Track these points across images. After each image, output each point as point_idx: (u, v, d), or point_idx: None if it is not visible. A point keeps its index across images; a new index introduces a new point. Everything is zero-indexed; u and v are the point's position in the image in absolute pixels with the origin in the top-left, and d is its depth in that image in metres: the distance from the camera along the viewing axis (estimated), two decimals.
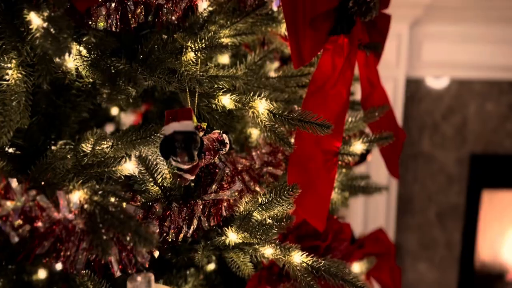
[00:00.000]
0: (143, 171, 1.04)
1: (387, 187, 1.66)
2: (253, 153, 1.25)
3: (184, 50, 1.02)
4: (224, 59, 1.54)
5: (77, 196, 0.97)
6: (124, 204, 0.99)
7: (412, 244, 3.20)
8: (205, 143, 1.06)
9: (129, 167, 1.11)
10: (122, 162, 1.11)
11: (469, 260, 3.21)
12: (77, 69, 1.13)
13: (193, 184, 1.20)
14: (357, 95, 1.44)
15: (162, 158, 1.04)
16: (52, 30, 0.93)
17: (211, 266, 1.50)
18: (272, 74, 1.26)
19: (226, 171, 1.21)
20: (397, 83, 2.92)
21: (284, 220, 1.04)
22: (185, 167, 1.00)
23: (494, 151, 3.09)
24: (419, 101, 3.07)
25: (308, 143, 1.20)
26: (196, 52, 1.00)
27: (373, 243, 1.76)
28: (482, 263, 3.27)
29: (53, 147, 1.28)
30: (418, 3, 2.77)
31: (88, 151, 1.05)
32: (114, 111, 1.85)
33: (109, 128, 2.00)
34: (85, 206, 0.96)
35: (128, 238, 0.88)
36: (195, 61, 1.03)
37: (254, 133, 1.40)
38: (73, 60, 1.14)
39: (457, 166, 3.12)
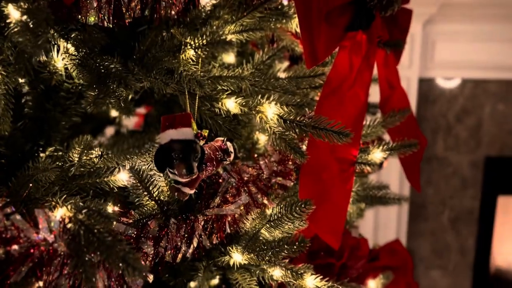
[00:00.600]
0: (136, 184, 0.90)
1: (407, 197, 1.50)
2: (261, 162, 1.11)
3: (182, 47, 0.88)
4: (229, 58, 1.40)
5: (60, 213, 0.84)
6: (114, 223, 0.85)
7: (424, 250, 3.05)
8: (206, 152, 0.92)
9: (123, 177, 0.98)
10: (115, 172, 0.97)
11: (483, 266, 3.05)
12: (66, 69, 1.00)
13: (194, 196, 1.06)
14: (372, 97, 1.30)
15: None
16: (30, 24, 0.80)
17: (214, 281, 1.36)
18: (282, 74, 1.12)
19: (231, 182, 1.07)
20: (410, 83, 2.77)
21: (297, 244, 0.89)
22: (184, 180, 0.86)
23: (510, 154, 2.93)
24: (432, 102, 2.91)
25: (322, 151, 1.06)
26: (196, 50, 0.87)
27: (388, 255, 1.62)
28: (497, 269, 3.11)
29: (41, 155, 1.14)
30: (432, 0, 2.62)
31: (75, 161, 0.91)
32: (114, 113, 1.72)
33: (110, 131, 1.86)
34: (69, 225, 0.83)
35: (115, 266, 0.74)
36: (195, 60, 0.89)
37: (262, 139, 1.26)
38: (61, 58, 1.00)
39: (471, 170, 2.96)
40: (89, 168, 0.92)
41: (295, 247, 0.90)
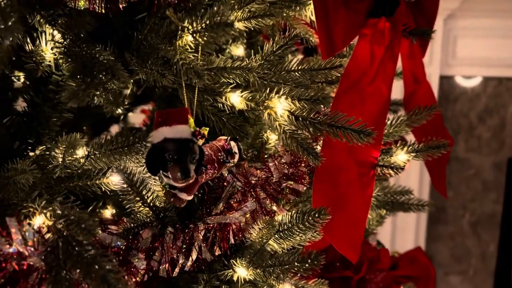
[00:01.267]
0: (126, 189, 0.78)
1: (432, 203, 1.36)
2: (270, 164, 0.98)
3: (179, 32, 0.75)
4: (238, 51, 1.27)
5: (39, 222, 0.72)
6: (99, 232, 0.73)
7: (444, 255, 2.89)
8: (206, 153, 0.80)
9: (117, 180, 0.86)
10: (108, 174, 0.85)
11: (505, 273, 2.88)
12: (56, 59, 0.88)
13: (196, 201, 0.94)
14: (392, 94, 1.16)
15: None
16: (2, 3, 0.68)
17: None
18: (295, 67, 0.99)
19: (236, 186, 0.95)
20: (430, 81, 2.60)
21: (310, 261, 0.76)
22: (179, 185, 0.74)
23: None
24: (453, 101, 2.75)
25: (339, 152, 0.93)
26: (195, 35, 0.74)
27: (409, 265, 1.48)
28: None
29: (31, 154, 1.03)
30: None
31: (59, 162, 0.79)
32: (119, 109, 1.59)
33: (114, 129, 1.74)
34: (47, 235, 0.71)
35: (93, 286, 0.62)
36: (193, 47, 0.76)
37: (273, 138, 1.13)
38: (50, 47, 0.89)
39: (493, 172, 2.79)
40: (75, 169, 0.80)
41: (307, 264, 0.76)
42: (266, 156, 1.03)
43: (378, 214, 1.26)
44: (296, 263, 0.77)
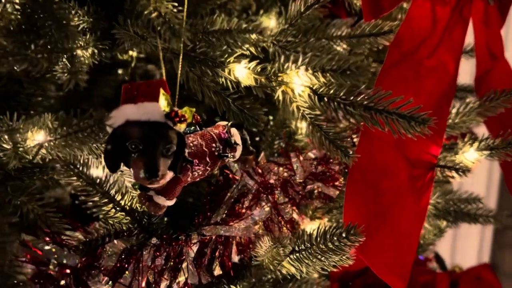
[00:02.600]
0: (86, 188, 0.57)
1: (507, 213, 1.05)
2: (293, 160, 0.74)
3: None
4: (270, 22, 1.03)
5: None
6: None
7: (511, 264, 2.52)
8: (195, 143, 0.57)
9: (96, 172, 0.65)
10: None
11: None
12: None
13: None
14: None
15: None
16: None
17: None
18: (328, 32, 0.73)
19: (247, 187, 0.71)
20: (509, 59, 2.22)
21: None
22: (150, 185, 0.51)
23: None
24: None
25: (383, 147, 0.68)
26: None
27: (472, 285, 1.19)
28: None
29: None
30: None
31: (9, 150, 0.59)
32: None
33: None
34: None
35: None
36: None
37: (304, 127, 0.88)
38: None
39: None
40: (28, 160, 0.59)
41: None
42: (296, 149, 0.79)
43: (435, 226, 0.98)
44: None
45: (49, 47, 0.52)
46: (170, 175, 0.54)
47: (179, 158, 0.53)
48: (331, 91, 0.55)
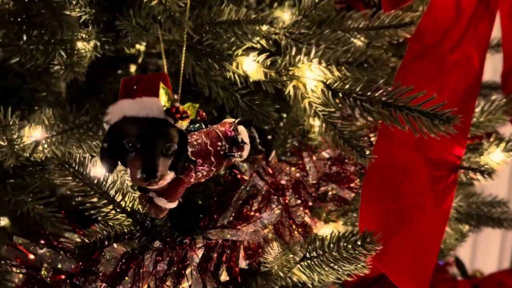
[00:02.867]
0: (82, 188, 0.53)
1: None
2: (306, 159, 0.69)
3: None
4: (284, 15, 0.98)
5: None
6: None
7: None
8: (199, 141, 0.53)
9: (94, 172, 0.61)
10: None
11: None
12: None
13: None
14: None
15: None
16: None
17: None
18: (345, 24, 0.68)
19: (257, 187, 0.67)
20: None
21: None
22: (149, 186, 0.47)
23: None
24: None
25: (403, 147, 0.63)
26: None
27: None
28: None
29: None
30: None
31: (4, 148, 0.56)
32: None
33: None
34: None
35: None
36: None
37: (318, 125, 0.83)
38: None
39: None
40: (24, 158, 0.56)
41: None
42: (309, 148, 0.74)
43: (457, 231, 0.92)
44: None
45: (45, 38, 0.49)
46: (171, 175, 0.50)
47: (181, 158, 0.49)
48: (346, 86, 0.51)
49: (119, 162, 0.48)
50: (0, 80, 0.81)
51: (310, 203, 0.70)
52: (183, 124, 0.50)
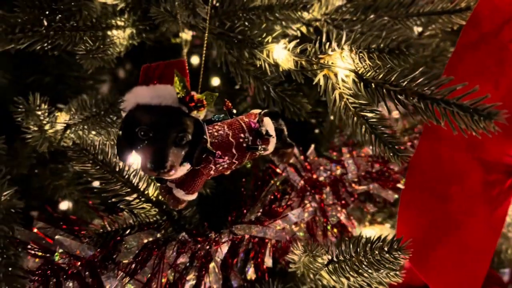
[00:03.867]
0: (105, 175, 0.52)
1: None
2: (346, 156, 0.64)
3: None
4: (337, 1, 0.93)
5: None
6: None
7: None
8: (218, 133, 0.50)
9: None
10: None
11: None
12: None
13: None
14: None
15: None
16: None
17: None
18: (393, 9, 0.62)
19: (293, 182, 0.63)
20: None
21: None
22: (161, 176, 0.45)
23: None
24: None
25: (451, 147, 0.56)
26: None
27: None
28: None
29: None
30: None
31: (34, 133, 0.56)
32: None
33: None
34: None
35: None
36: None
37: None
38: None
39: None
40: (56, 142, 0.56)
41: None
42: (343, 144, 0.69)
43: None
44: None
45: (69, 24, 0.47)
46: (186, 167, 0.47)
47: (196, 149, 0.46)
48: (380, 76, 0.45)
49: (133, 151, 0.46)
50: (48, 68, 0.83)
51: (349, 203, 0.64)
52: (200, 114, 0.47)
